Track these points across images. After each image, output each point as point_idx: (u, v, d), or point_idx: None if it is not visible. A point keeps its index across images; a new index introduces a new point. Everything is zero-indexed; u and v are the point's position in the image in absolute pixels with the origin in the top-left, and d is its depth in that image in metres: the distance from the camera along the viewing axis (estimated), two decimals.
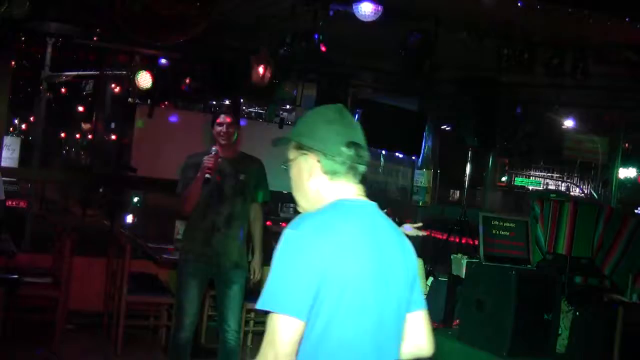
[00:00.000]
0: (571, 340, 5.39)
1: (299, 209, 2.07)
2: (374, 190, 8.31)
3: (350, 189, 2.01)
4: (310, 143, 1.99)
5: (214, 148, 4.35)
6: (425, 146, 7.98)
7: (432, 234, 7.77)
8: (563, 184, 8.90)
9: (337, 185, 2.00)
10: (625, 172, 7.75)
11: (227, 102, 7.51)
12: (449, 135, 8.19)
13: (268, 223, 6.79)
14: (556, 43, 5.94)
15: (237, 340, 4.42)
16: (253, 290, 5.82)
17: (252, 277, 4.61)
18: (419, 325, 2.08)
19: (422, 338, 2.08)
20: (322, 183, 2.01)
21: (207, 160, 4.28)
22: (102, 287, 6.33)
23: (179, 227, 6.09)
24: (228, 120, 4.38)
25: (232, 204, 4.39)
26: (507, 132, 8.35)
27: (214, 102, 7.71)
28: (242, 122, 4.54)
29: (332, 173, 1.98)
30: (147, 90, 7.07)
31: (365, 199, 2.04)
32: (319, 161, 1.99)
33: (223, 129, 4.36)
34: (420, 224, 4.46)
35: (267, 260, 5.24)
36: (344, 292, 1.83)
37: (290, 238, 1.84)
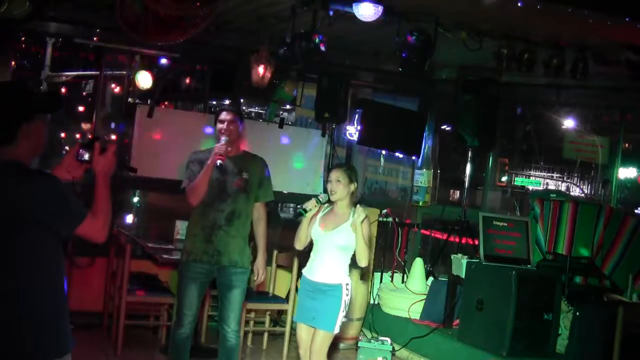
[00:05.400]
0: (571, 340, 5.39)
1: None
2: (374, 190, 8.31)
3: None
4: None
5: (223, 138, 4.38)
6: (425, 146, 7.98)
7: (432, 234, 7.77)
8: (563, 184, 8.89)
9: None
10: (625, 172, 7.73)
11: (227, 101, 7.50)
12: (449, 135, 8.18)
13: None
14: (556, 43, 5.94)
15: (237, 339, 4.44)
16: (254, 291, 5.85)
17: (255, 277, 4.62)
18: None
19: None
20: None
21: (218, 148, 4.32)
22: (102, 287, 6.34)
23: (179, 227, 6.10)
24: (229, 117, 4.41)
25: (234, 201, 4.40)
26: (507, 132, 8.36)
27: (214, 102, 7.70)
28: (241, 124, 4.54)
29: None
30: (147, 90, 7.07)
31: None
32: None
33: (224, 126, 4.39)
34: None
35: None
36: None
37: None
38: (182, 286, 4.39)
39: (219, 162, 4.28)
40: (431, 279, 6.85)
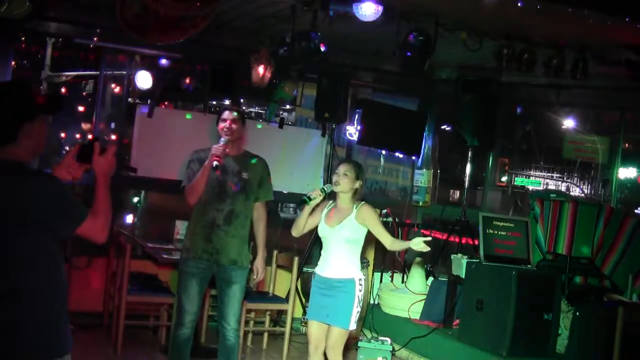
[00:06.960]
0: (571, 340, 5.39)
1: None
2: (374, 190, 8.31)
3: None
4: None
5: (222, 139, 4.38)
6: (425, 146, 7.98)
7: (432, 234, 7.76)
8: (563, 184, 8.88)
9: None
10: (625, 172, 7.73)
11: (227, 101, 7.51)
12: (449, 135, 8.18)
13: None
14: (556, 43, 5.94)
15: (236, 338, 4.44)
16: (253, 290, 5.85)
17: (254, 277, 4.62)
18: None
19: None
20: None
21: (216, 149, 4.31)
22: (102, 287, 6.34)
23: (179, 227, 6.10)
24: (232, 116, 4.41)
25: (233, 201, 4.40)
26: (507, 132, 8.36)
27: (214, 102, 7.71)
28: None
29: None
30: (147, 90, 7.08)
31: None
32: None
33: (227, 124, 4.39)
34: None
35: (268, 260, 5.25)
36: None
37: None
38: (183, 282, 4.39)
39: (215, 163, 4.27)
40: (431, 279, 6.85)
